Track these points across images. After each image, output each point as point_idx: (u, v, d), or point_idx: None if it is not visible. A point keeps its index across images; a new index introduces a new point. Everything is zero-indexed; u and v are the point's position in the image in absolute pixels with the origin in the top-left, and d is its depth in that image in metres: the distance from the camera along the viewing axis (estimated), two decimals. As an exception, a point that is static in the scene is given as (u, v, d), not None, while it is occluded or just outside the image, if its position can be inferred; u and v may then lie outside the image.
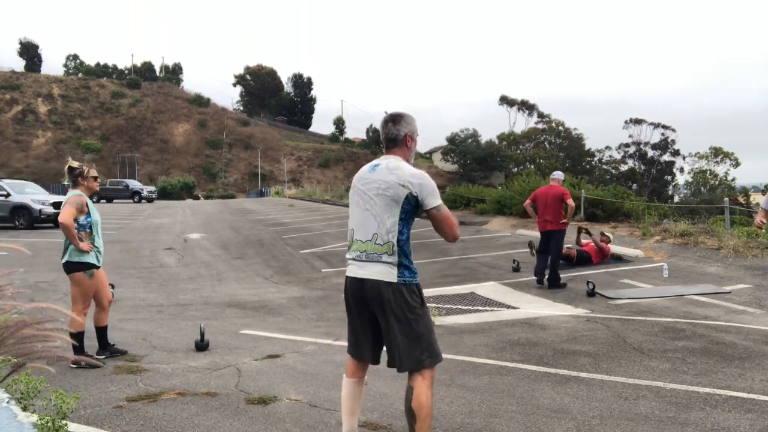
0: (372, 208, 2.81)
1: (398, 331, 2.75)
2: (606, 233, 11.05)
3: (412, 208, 2.80)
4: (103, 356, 4.92)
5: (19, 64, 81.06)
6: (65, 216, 4.67)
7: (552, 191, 8.64)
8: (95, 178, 5.00)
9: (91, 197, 5.02)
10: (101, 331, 4.98)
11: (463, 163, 66.13)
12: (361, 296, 2.83)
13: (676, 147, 69.10)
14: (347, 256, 2.95)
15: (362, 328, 2.91)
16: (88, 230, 4.84)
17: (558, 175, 8.98)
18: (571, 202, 8.49)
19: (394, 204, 2.77)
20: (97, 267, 4.88)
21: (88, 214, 4.83)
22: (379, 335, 2.89)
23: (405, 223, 2.81)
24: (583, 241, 10.63)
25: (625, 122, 70.90)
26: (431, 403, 2.79)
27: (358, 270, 2.84)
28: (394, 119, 2.92)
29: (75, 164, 4.93)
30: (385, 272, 2.76)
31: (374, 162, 2.95)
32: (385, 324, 2.79)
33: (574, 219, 15.37)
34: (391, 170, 2.81)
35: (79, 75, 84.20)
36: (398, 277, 2.75)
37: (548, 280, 8.45)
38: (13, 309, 1.97)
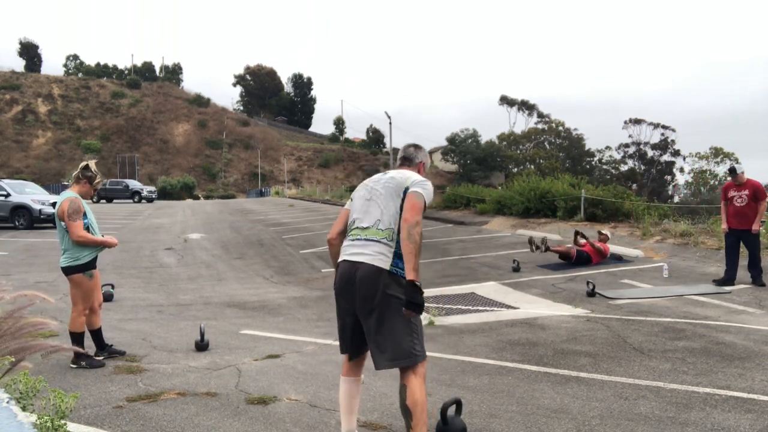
0: (377, 198, 2.97)
1: (394, 322, 2.77)
2: (603, 231, 11.03)
3: None
4: (102, 357, 4.92)
5: (19, 64, 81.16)
6: (79, 232, 4.66)
7: None
8: (96, 189, 5.03)
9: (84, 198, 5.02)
10: (96, 333, 4.98)
11: (463, 163, 66.14)
12: (351, 282, 2.85)
13: (676, 147, 69.20)
14: (345, 243, 3.01)
15: (350, 320, 2.95)
16: (85, 230, 4.83)
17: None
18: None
19: (396, 195, 2.92)
20: (95, 267, 4.89)
21: (85, 214, 4.82)
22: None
23: None
24: (581, 241, 10.61)
25: (625, 122, 70.96)
26: (425, 398, 2.82)
27: (353, 251, 2.90)
28: (416, 146, 3.30)
29: (93, 168, 4.94)
30: (380, 256, 2.81)
31: (388, 171, 3.21)
32: (375, 318, 2.79)
33: (575, 219, 15.40)
34: (401, 173, 3.08)
35: (79, 75, 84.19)
36: (392, 266, 2.80)
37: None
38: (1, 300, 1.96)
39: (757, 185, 8.19)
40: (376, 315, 2.78)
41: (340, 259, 2.98)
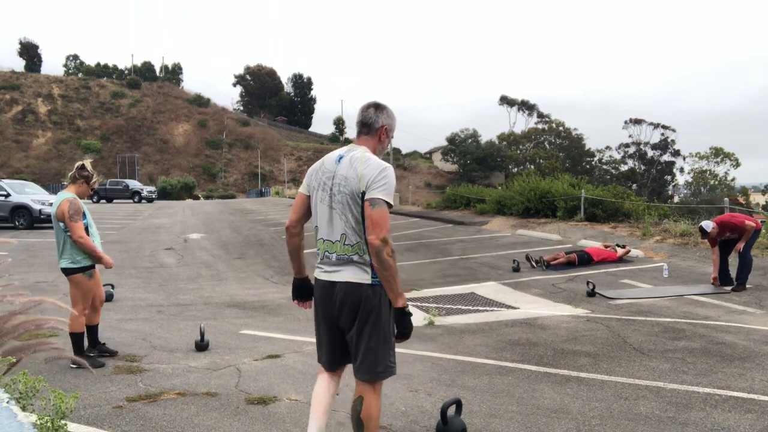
0: (336, 206, 2.65)
1: (371, 334, 2.63)
2: (625, 247, 10.91)
3: None
4: (92, 354, 4.89)
5: (19, 64, 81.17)
6: (80, 232, 4.64)
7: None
8: (93, 188, 5.03)
9: (82, 197, 5.01)
10: (92, 330, 4.98)
11: (463, 163, 66.15)
12: (330, 300, 2.69)
13: (676, 147, 69.21)
14: (317, 260, 2.81)
15: (330, 334, 2.78)
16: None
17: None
18: None
19: (354, 203, 2.60)
20: (94, 267, 4.88)
21: (84, 215, 4.82)
22: (345, 342, 2.76)
23: None
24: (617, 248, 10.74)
25: (625, 122, 71.03)
26: (379, 412, 2.72)
27: (328, 274, 2.69)
28: (377, 106, 2.79)
29: (89, 167, 4.92)
30: (357, 274, 2.62)
31: (340, 152, 2.75)
32: (356, 328, 2.64)
33: (575, 219, 15.40)
34: (352, 163, 2.63)
35: (79, 75, 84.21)
36: (372, 278, 2.61)
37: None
38: (5, 300, 1.95)
39: (728, 223, 8.11)
40: (357, 327, 2.64)
41: (315, 275, 2.79)
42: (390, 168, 2.62)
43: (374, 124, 2.75)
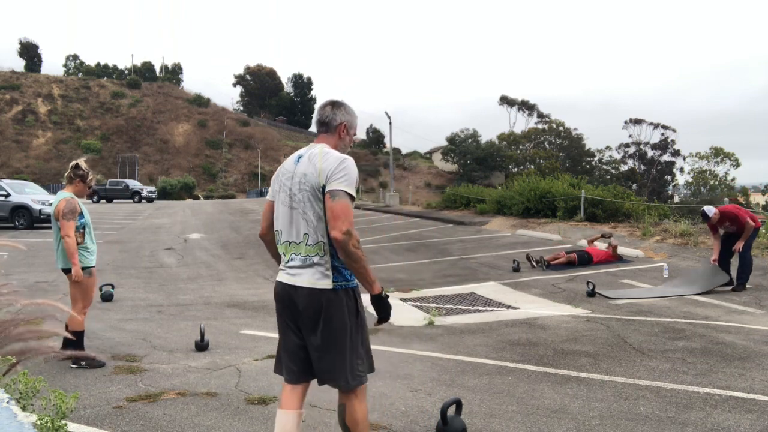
0: (297, 205, 2.55)
1: (340, 346, 2.52)
2: (613, 242, 10.85)
3: None
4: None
5: (19, 64, 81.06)
6: (69, 231, 4.61)
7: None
8: (90, 186, 5.02)
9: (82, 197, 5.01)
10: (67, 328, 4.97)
11: (463, 163, 66.16)
12: (292, 303, 2.61)
13: (676, 147, 69.22)
14: (281, 264, 2.74)
15: (293, 339, 2.68)
16: (81, 231, 4.82)
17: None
18: None
19: (315, 199, 2.51)
20: (93, 266, 4.88)
21: (81, 215, 4.81)
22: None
23: None
24: (599, 245, 10.71)
25: (625, 122, 71.02)
26: (366, 416, 2.62)
27: (291, 277, 2.60)
28: (333, 104, 2.72)
29: (83, 166, 4.92)
30: (318, 277, 2.52)
31: (300, 152, 2.68)
32: (321, 340, 2.54)
33: (575, 219, 15.40)
34: (311, 160, 2.56)
35: (79, 75, 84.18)
36: (333, 282, 2.51)
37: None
38: (8, 306, 1.94)
39: (730, 213, 8.06)
40: (321, 334, 2.53)
41: (278, 278, 2.73)
42: (350, 159, 2.55)
43: (332, 122, 2.68)
